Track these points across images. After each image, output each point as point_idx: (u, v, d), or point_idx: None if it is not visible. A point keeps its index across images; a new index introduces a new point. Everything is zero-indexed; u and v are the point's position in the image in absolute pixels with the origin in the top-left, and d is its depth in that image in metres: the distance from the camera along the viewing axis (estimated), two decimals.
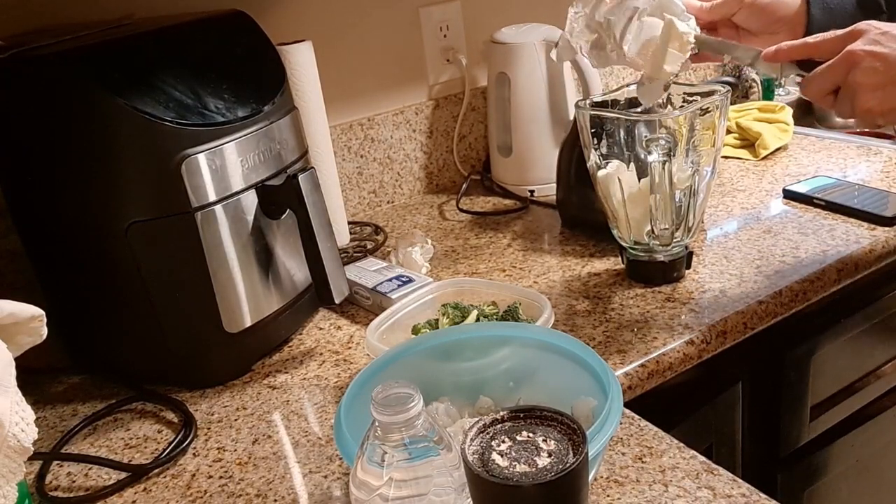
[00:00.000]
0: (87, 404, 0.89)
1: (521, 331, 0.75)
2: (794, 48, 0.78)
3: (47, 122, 0.81)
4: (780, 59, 0.79)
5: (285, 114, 0.92)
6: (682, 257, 0.97)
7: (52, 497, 0.75)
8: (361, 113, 1.32)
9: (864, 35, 0.74)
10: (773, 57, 0.79)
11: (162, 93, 0.81)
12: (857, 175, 1.22)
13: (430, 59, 1.36)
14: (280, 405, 0.85)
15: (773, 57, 0.79)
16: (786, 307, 0.93)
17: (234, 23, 0.95)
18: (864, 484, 1.21)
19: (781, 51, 0.78)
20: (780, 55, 0.79)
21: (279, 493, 0.71)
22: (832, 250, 1.00)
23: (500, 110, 1.32)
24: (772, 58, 0.79)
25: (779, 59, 0.78)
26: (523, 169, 1.32)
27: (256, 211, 0.88)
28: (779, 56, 0.78)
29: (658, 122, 0.91)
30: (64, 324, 0.87)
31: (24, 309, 0.59)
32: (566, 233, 1.17)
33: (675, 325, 0.89)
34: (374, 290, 0.99)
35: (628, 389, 0.82)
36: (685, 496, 0.65)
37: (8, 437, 0.55)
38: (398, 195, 1.38)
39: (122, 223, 0.81)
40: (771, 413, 1.04)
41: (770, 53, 0.79)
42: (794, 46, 0.78)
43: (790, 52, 0.78)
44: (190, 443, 0.80)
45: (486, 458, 0.47)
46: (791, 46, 0.78)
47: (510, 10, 1.41)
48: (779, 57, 0.78)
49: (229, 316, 0.87)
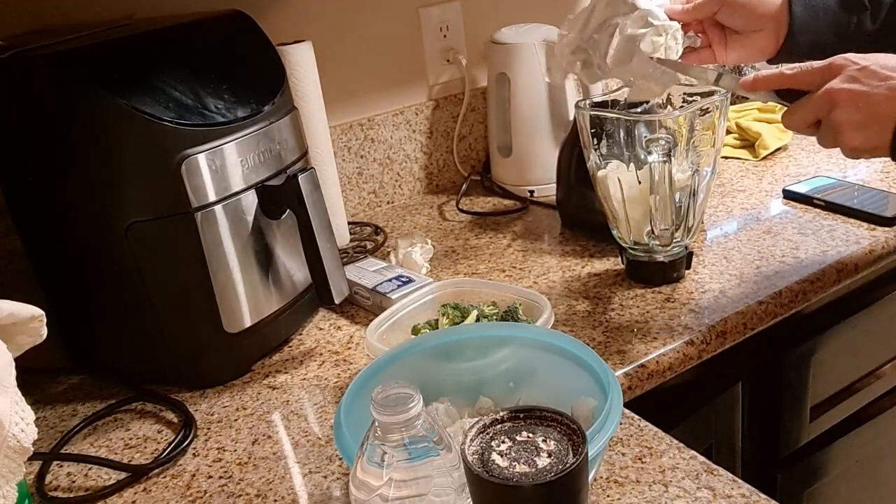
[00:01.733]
0: (87, 404, 0.89)
1: (520, 331, 0.75)
2: (771, 78, 0.78)
3: (47, 122, 0.81)
4: (757, 88, 0.79)
5: (285, 114, 0.92)
6: (682, 258, 0.97)
7: (52, 497, 0.75)
8: (361, 113, 1.32)
9: (842, 71, 0.74)
10: (752, 86, 0.79)
11: (162, 93, 0.81)
12: (857, 175, 1.22)
13: (430, 59, 1.36)
14: (280, 405, 0.85)
15: (752, 86, 0.79)
16: (786, 307, 0.93)
17: (234, 23, 0.95)
18: (864, 484, 1.21)
19: (759, 80, 0.79)
20: (757, 84, 0.79)
21: (279, 494, 0.71)
22: (832, 250, 1.00)
23: (500, 110, 1.32)
24: (749, 87, 0.79)
25: (756, 87, 0.79)
26: (523, 169, 1.32)
27: (256, 211, 0.88)
28: (756, 85, 0.79)
29: (658, 123, 0.91)
30: (64, 324, 0.87)
31: (24, 309, 0.59)
32: (566, 233, 1.17)
33: (675, 325, 0.89)
34: (374, 291, 0.99)
35: (628, 389, 0.82)
36: (685, 496, 0.65)
37: (8, 437, 0.55)
38: (398, 195, 1.38)
39: (122, 223, 0.81)
40: (771, 413, 1.04)
41: (748, 83, 0.79)
42: (771, 76, 0.78)
43: (767, 81, 0.78)
44: (190, 443, 0.80)
45: (485, 459, 0.47)
46: (768, 76, 0.78)
47: (510, 10, 1.41)
48: (756, 86, 0.79)
49: (229, 316, 0.87)
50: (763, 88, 0.79)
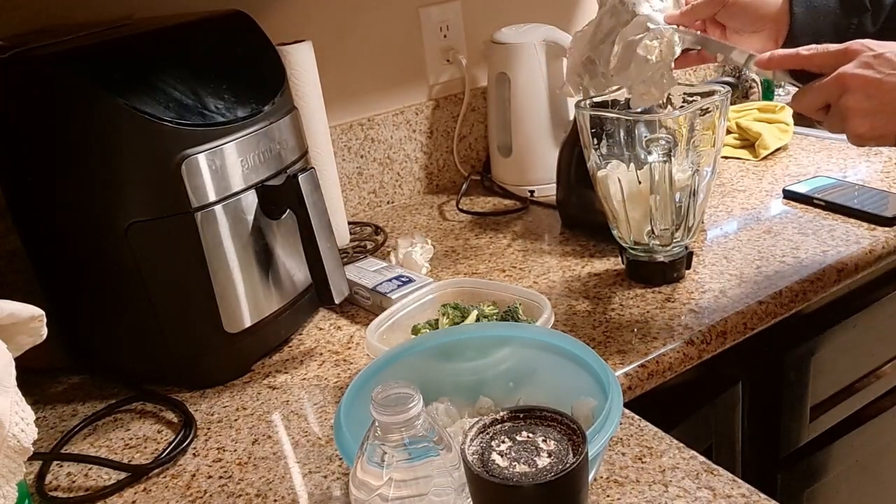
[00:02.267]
0: (87, 404, 0.89)
1: (521, 331, 0.75)
2: (786, 57, 0.79)
3: (47, 122, 0.81)
4: (772, 67, 0.80)
5: (285, 114, 0.92)
6: (682, 257, 0.97)
7: (52, 497, 0.75)
8: (361, 113, 1.32)
9: (857, 56, 0.74)
10: (766, 64, 0.80)
11: (162, 93, 0.81)
12: (857, 175, 1.22)
13: (430, 59, 1.36)
14: (280, 405, 0.85)
15: (766, 64, 0.80)
16: (786, 307, 0.93)
17: (234, 23, 0.95)
18: (864, 484, 1.21)
19: (774, 59, 0.79)
20: (772, 63, 0.79)
21: (279, 493, 0.71)
22: (832, 250, 1.00)
23: (500, 110, 1.32)
24: (764, 64, 0.80)
25: (771, 66, 0.79)
26: (523, 169, 1.32)
27: (256, 211, 0.88)
28: (771, 63, 0.79)
29: (658, 122, 0.91)
30: (64, 324, 0.87)
31: (24, 309, 0.59)
32: (566, 233, 1.17)
33: (675, 325, 0.89)
34: (374, 291, 0.99)
35: (628, 389, 0.82)
36: (685, 496, 0.65)
37: (8, 437, 0.55)
38: (398, 195, 1.38)
39: (122, 223, 0.81)
40: (771, 413, 1.04)
41: (763, 60, 0.80)
42: (787, 56, 0.79)
43: (783, 60, 0.79)
44: (190, 443, 0.80)
45: (485, 459, 0.47)
46: (783, 55, 0.79)
47: (510, 10, 1.41)
48: (771, 64, 0.79)
49: (229, 316, 0.87)
50: (778, 67, 0.79)
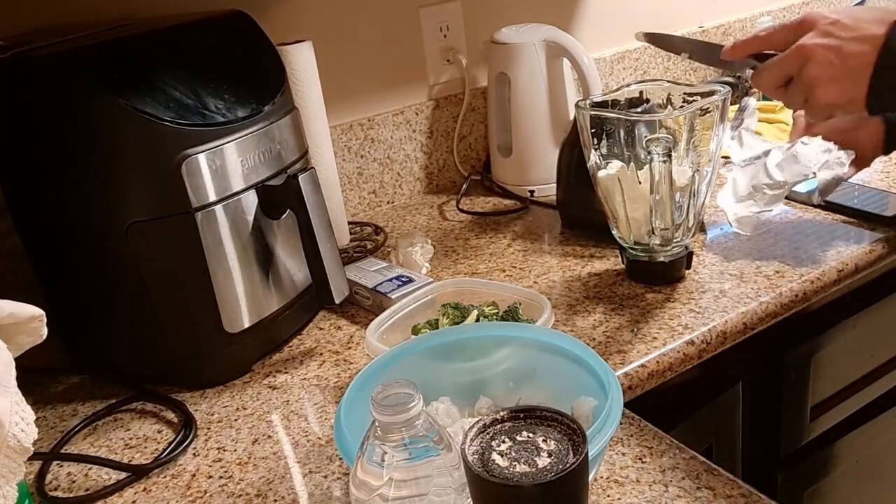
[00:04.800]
0: (87, 404, 0.89)
1: (520, 331, 0.75)
2: (747, 42, 0.82)
3: (47, 122, 0.81)
4: (735, 56, 0.82)
5: (285, 114, 0.92)
6: (682, 257, 0.97)
7: (52, 497, 0.75)
8: (361, 113, 1.32)
9: (815, 26, 0.75)
10: (730, 53, 0.83)
11: (162, 93, 0.81)
12: (857, 175, 1.21)
13: (430, 59, 1.36)
14: (280, 405, 0.85)
15: (730, 53, 0.83)
16: (786, 307, 0.93)
17: (234, 23, 0.95)
18: (865, 484, 1.21)
19: (736, 47, 0.83)
20: (735, 51, 0.83)
21: (279, 493, 0.71)
22: (832, 250, 1.00)
23: (500, 110, 1.32)
24: (728, 54, 0.83)
25: (735, 54, 0.82)
26: (523, 169, 1.32)
27: (256, 211, 0.88)
28: (734, 52, 0.82)
29: (658, 123, 0.91)
30: (64, 324, 0.87)
31: (24, 309, 0.59)
32: (566, 233, 1.17)
33: (675, 325, 0.89)
34: (374, 290, 0.99)
35: (628, 389, 0.82)
36: (685, 496, 0.65)
37: (8, 437, 0.55)
38: (398, 195, 1.38)
39: (122, 223, 0.81)
40: (771, 413, 1.04)
41: (727, 51, 0.83)
42: (747, 41, 0.82)
43: (744, 45, 0.82)
44: (190, 443, 0.80)
45: (486, 458, 0.47)
46: (743, 42, 0.82)
47: (510, 10, 1.41)
48: (735, 52, 0.82)
49: (229, 316, 0.87)
50: (740, 55, 0.82)
